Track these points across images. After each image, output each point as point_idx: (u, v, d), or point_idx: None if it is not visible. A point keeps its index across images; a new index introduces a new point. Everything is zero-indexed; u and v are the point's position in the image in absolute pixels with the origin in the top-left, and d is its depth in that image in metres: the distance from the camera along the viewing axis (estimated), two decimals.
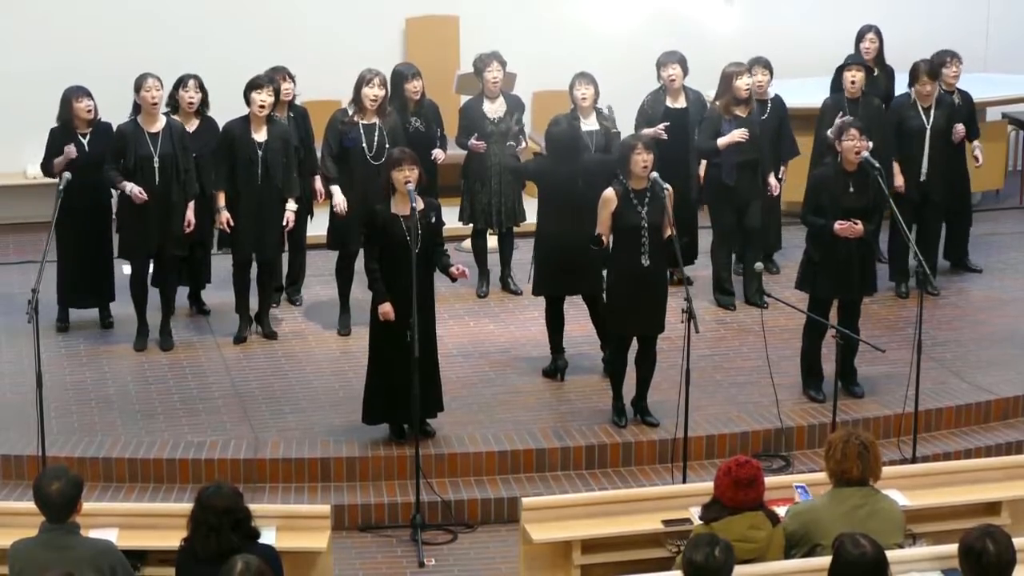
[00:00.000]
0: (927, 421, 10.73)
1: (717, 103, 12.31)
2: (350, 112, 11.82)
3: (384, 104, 11.80)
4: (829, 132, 11.80)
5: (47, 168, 11.83)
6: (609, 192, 10.23)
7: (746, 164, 12.25)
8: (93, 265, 11.98)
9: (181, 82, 11.88)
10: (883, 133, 12.54)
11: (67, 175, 10.89)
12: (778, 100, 12.75)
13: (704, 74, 13.16)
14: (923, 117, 12.61)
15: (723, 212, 12.41)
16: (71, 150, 11.55)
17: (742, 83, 12.12)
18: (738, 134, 12.07)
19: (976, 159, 13.16)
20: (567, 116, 11.60)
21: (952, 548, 6.95)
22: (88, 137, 11.73)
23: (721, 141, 12.13)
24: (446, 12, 15.10)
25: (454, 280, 10.18)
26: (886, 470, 7.92)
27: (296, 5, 14.90)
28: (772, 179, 12.48)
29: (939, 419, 10.84)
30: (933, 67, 12.66)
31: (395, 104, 12.36)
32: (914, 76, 12.60)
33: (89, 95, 11.74)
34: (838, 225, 10.40)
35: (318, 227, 12.41)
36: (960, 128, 12.75)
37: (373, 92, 11.70)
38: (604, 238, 10.24)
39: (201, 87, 11.89)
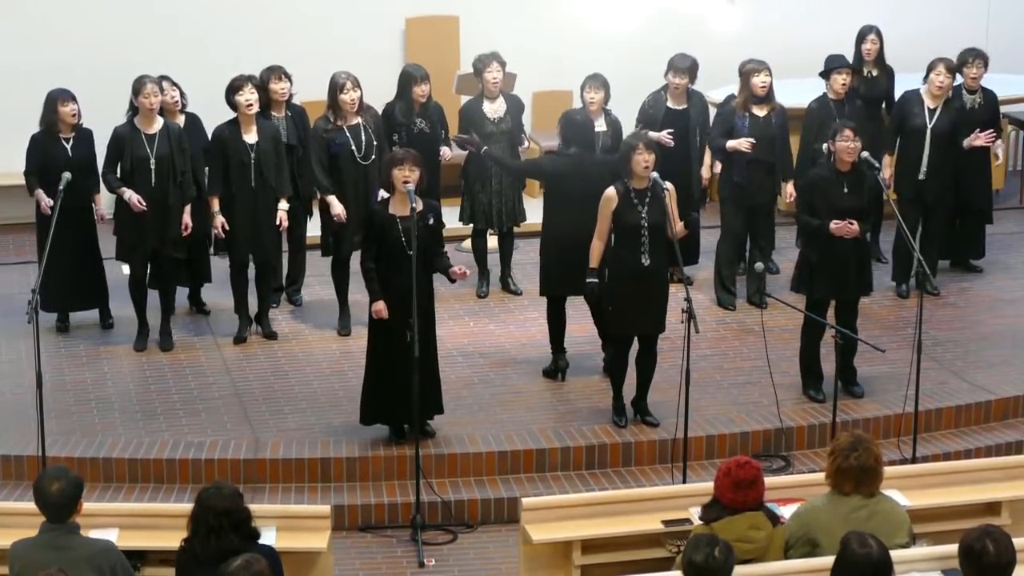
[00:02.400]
0: (927, 421, 10.73)
1: (735, 101, 12.32)
2: (331, 119, 11.79)
3: (362, 103, 11.78)
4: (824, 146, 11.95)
5: (31, 184, 11.69)
6: (610, 191, 10.23)
7: (758, 164, 12.23)
8: (81, 268, 11.93)
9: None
10: (880, 128, 12.59)
11: (67, 175, 10.85)
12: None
13: (705, 74, 13.14)
14: (926, 116, 12.61)
15: (733, 211, 12.39)
16: (46, 205, 11.41)
17: (758, 80, 12.13)
18: (745, 144, 12.06)
19: (996, 156, 13.16)
20: (581, 110, 11.58)
21: (952, 548, 6.95)
22: (72, 141, 11.69)
23: (730, 144, 12.13)
24: (446, 12, 15.10)
25: (453, 281, 10.18)
26: (886, 470, 7.91)
27: (296, 5, 14.90)
28: (789, 187, 12.37)
29: (939, 419, 10.84)
30: (955, 62, 12.70)
31: (401, 105, 12.37)
32: (931, 68, 12.57)
33: (74, 99, 11.68)
34: (834, 224, 10.40)
35: (318, 227, 12.40)
36: (982, 136, 12.75)
37: (351, 96, 11.67)
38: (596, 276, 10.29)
39: (174, 84, 11.86)
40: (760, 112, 12.23)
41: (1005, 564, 6.67)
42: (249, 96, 11.47)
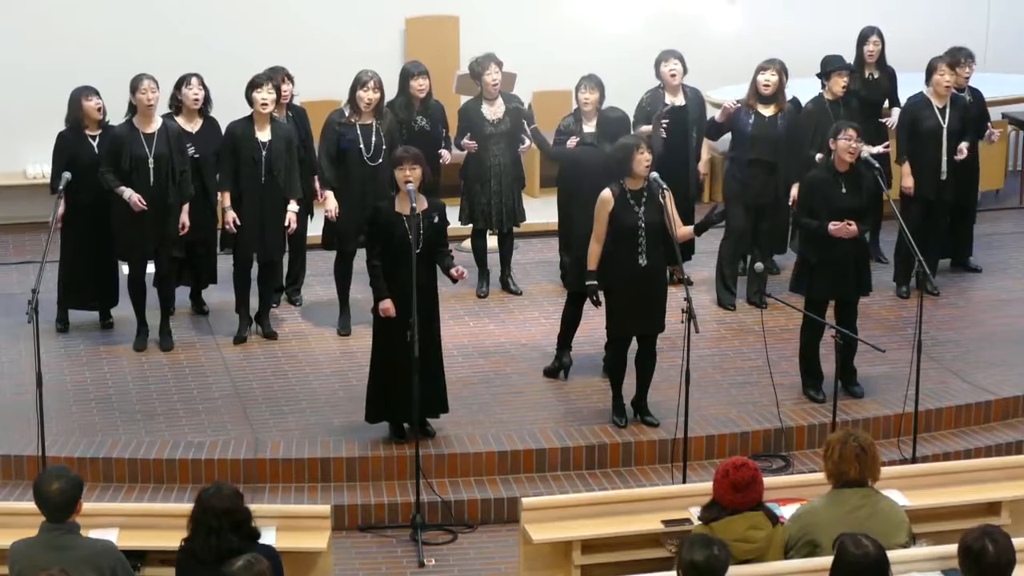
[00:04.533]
0: (927, 421, 10.73)
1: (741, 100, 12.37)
2: (346, 113, 11.81)
3: (380, 105, 11.78)
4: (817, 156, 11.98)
5: (55, 186, 11.61)
6: (606, 193, 10.22)
7: (760, 164, 12.22)
8: (97, 267, 11.94)
9: (184, 81, 11.84)
10: (879, 129, 12.61)
11: (67, 175, 10.90)
12: (796, 102, 12.75)
13: (705, 74, 13.16)
14: (939, 117, 12.60)
15: (735, 210, 12.37)
16: (59, 215, 11.46)
17: (762, 78, 12.13)
18: (729, 102, 12.08)
19: (991, 138, 13.11)
20: (618, 108, 11.58)
21: (952, 548, 6.95)
22: (97, 139, 11.70)
23: (718, 115, 12.16)
24: (446, 12, 15.10)
25: (454, 281, 10.18)
26: (886, 470, 7.92)
27: (296, 5, 14.90)
28: (794, 190, 12.30)
29: (939, 419, 10.84)
30: (951, 60, 12.70)
31: (401, 101, 12.38)
32: (932, 70, 12.58)
33: (98, 94, 11.71)
34: (832, 226, 10.40)
35: (318, 227, 12.41)
36: (964, 147, 12.71)
37: (368, 95, 11.68)
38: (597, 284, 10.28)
39: (203, 85, 11.88)
40: (766, 112, 12.22)
41: (1005, 564, 6.67)
42: (267, 96, 11.47)
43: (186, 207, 11.54)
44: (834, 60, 12.76)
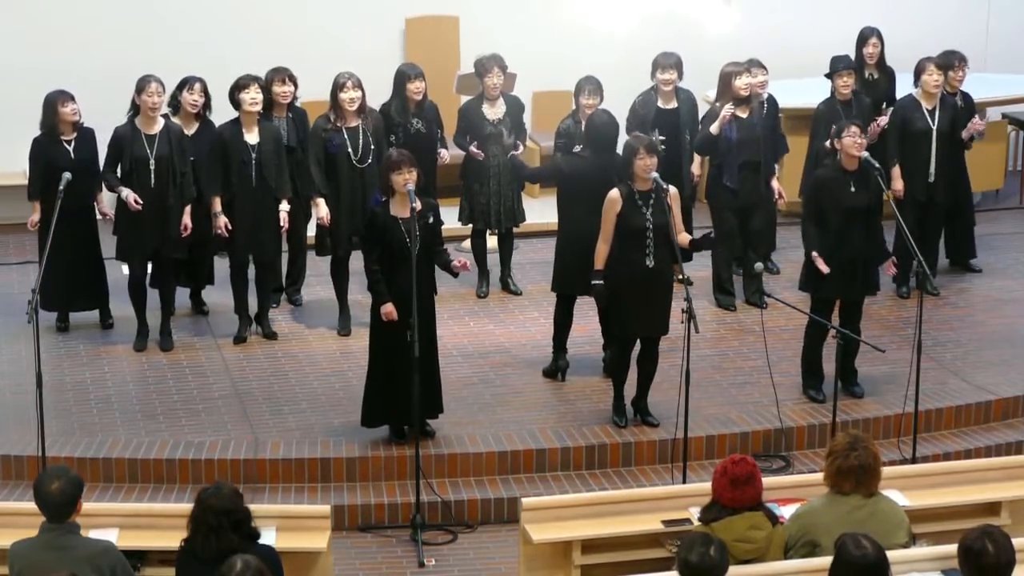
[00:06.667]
0: (927, 421, 10.73)
1: (717, 104, 12.27)
2: (331, 118, 11.80)
3: (364, 104, 11.79)
4: (827, 144, 11.93)
5: (32, 193, 11.65)
6: (614, 194, 10.21)
7: (748, 165, 12.23)
8: (83, 268, 11.91)
9: (186, 84, 11.81)
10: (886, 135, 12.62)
11: (67, 175, 10.86)
12: (772, 99, 12.74)
13: (702, 74, 13.14)
14: (928, 119, 12.58)
15: (725, 213, 12.37)
16: (33, 221, 11.60)
17: (741, 82, 12.09)
18: (726, 110, 11.98)
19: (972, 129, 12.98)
20: (606, 111, 11.54)
21: (952, 548, 6.96)
22: (73, 143, 11.69)
23: (713, 127, 12.06)
24: (446, 12, 15.10)
25: (456, 275, 10.19)
26: (886, 470, 7.92)
27: (296, 6, 14.90)
28: (775, 183, 12.44)
29: (939, 419, 10.84)
30: (943, 62, 12.67)
31: (396, 103, 12.38)
32: (920, 70, 12.56)
33: (73, 98, 11.69)
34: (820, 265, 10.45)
35: (314, 227, 12.38)
36: (976, 123, 12.69)
37: (349, 96, 11.67)
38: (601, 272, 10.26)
39: (205, 91, 11.86)
40: (743, 113, 12.20)
41: (1004, 564, 6.67)
42: (255, 95, 11.48)
43: (188, 208, 11.54)
44: (838, 60, 12.74)
